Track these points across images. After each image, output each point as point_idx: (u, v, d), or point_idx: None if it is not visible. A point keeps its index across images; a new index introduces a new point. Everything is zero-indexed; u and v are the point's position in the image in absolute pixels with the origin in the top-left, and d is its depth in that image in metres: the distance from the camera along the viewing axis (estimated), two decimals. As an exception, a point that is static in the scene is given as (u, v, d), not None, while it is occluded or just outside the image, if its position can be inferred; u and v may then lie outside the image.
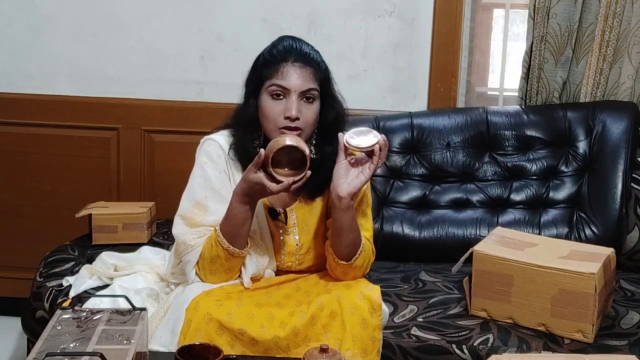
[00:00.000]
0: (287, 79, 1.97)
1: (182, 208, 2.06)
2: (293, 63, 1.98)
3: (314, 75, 1.99)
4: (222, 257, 1.97)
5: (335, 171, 1.96)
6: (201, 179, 2.05)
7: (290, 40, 2.04)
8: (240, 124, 2.06)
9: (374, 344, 1.95)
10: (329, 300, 1.94)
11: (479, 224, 2.66)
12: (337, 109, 2.07)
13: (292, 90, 1.96)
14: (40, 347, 1.48)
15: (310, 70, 1.99)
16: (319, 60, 2.04)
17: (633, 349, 2.07)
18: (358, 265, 2.03)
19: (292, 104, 1.96)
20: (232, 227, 1.95)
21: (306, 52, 2.01)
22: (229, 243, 1.94)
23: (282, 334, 1.88)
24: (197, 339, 1.81)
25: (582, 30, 2.78)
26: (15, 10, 3.04)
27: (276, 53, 2.01)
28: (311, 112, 2.00)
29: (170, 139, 3.07)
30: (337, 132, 1.99)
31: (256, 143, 2.02)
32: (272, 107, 1.98)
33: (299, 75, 1.97)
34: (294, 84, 1.97)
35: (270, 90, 1.98)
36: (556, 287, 2.07)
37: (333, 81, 2.07)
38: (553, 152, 2.74)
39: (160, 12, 3.01)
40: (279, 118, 1.97)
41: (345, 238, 1.99)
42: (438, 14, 2.92)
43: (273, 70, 1.98)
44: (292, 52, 1.99)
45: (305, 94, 1.98)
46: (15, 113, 3.08)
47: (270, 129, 2.00)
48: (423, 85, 2.99)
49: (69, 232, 2.80)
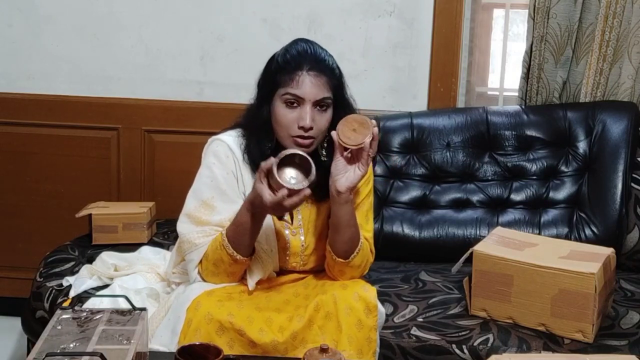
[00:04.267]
0: (301, 88, 1.96)
1: (187, 207, 2.05)
2: (308, 72, 1.96)
3: (328, 84, 1.98)
4: (225, 262, 1.97)
5: (334, 167, 1.97)
6: (208, 178, 2.04)
7: (305, 45, 2.02)
8: (253, 128, 2.05)
9: (369, 344, 1.95)
10: (325, 301, 1.94)
11: (479, 224, 2.66)
12: (349, 113, 2.05)
13: (306, 100, 1.96)
14: (40, 347, 1.48)
15: (324, 79, 1.98)
16: (334, 66, 2.02)
17: (633, 349, 2.07)
18: (356, 264, 2.03)
19: (306, 114, 1.95)
20: (237, 234, 1.94)
21: (321, 59, 2.00)
22: (233, 249, 1.94)
23: (280, 339, 1.88)
24: (197, 339, 1.81)
25: (582, 30, 2.78)
26: (15, 10, 3.04)
27: (290, 59, 1.99)
28: (324, 120, 2.00)
29: (170, 139, 3.07)
30: None
31: (268, 145, 2.02)
32: (286, 116, 1.98)
33: (313, 84, 1.96)
34: (309, 94, 1.96)
35: (285, 98, 1.97)
36: (556, 287, 2.07)
37: (346, 85, 2.06)
38: (553, 152, 2.74)
39: (160, 12, 3.01)
40: (292, 126, 1.97)
41: (343, 234, 1.99)
42: (438, 14, 2.92)
43: (288, 78, 1.97)
44: (306, 59, 1.98)
45: (320, 103, 1.98)
46: (15, 113, 3.08)
47: (283, 136, 2.00)
48: (423, 85, 2.99)
49: (69, 232, 2.80)
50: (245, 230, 1.93)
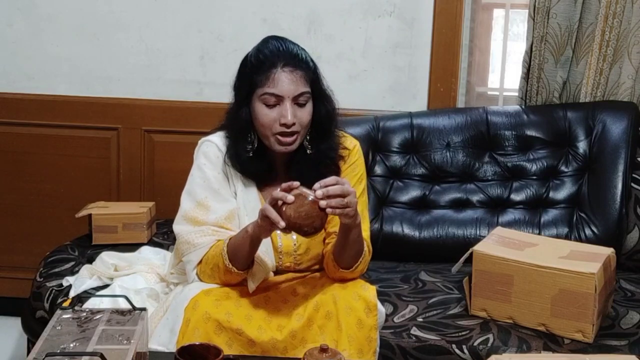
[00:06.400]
0: (278, 86, 1.95)
1: (183, 208, 2.06)
2: (283, 68, 1.96)
3: (304, 78, 1.98)
4: (221, 270, 1.97)
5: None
6: (200, 179, 2.05)
7: (276, 42, 2.02)
8: (233, 130, 2.06)
9: (370, 344, 1.95)
10: (325, 301, 1.94)
11: (479, 224, 2.66)
12: (328, 104, 2.06)
13: (285, 97, 1.96)
14: (40, 347, 1.48)
15: (300, 73, 1.98)
16: (308, 59, 2.02)
17: (633, 349, 2.07)
18: (359, 270, 2.03)
19: (287, 111, 1.95)
20: (235, 248, 1.94)
21: (294, 54, 2.00)
22: (229, 260, 1.94)
23: (279, 337, 1.88)
24: (196, 338, 1.81)
25: (582, 30, 2.78)
26: (15, 10, 3.04)
27: (263, 58, 1.98)
28: (306, 114, 2.00)
29: (170, 139, 3.07)
30: (331, 127, 2.02)
31: (249, 148, 2.03)
32: (268, 115, 1.98)
33: (290, 80, 1.96)
34: (287, 90, 1.96)
35: (263, 98, 1.97)
36: (556, 287, 2.07)
37: (321, 76, 2.06)
38: (553, 152, 2.74)
39: (160, 12, 3.01)
40: (274, 125, 1.97)
41: (350, 249, 1.98)
42: (438, 14, 2.92)
43: (263, 77, 1.96)
44: (280, 56, 1.97)
45: (298, 98, 1.98)
46: (15, 113, 3.08)
47: (265, 135, 2.00)
48: (423, 85, 2.99)
49: (69, 232, 2.81)
50: (242, 245, 1.93)
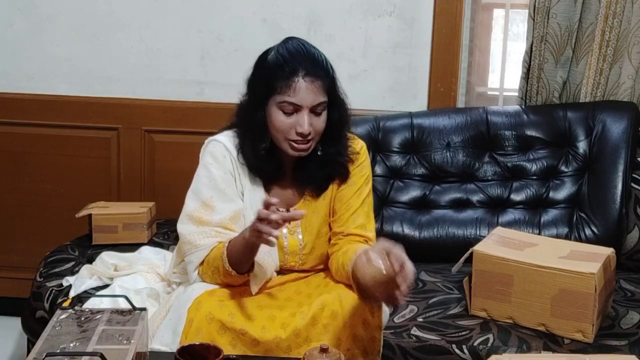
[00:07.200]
0: (298, 96, 1.94)
1: (188, 207, 2.05)
2: (304, 77, 1.94)
3: (323, 88, 1.98)
4: (221, 273, 1.97)
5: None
6: (206, 179, 2.04)
7: (297, 46, 2.00)
8: (247, 129, 2.05)
9: (374, 344, 1.96)
10: (330, 300, 1.94)
11: (479, 224, 2.66)
12: (342, 108, 2.06)
13: (304, 107, 1.95)
14: (40, 347, 1.48)
15: (319, 83, 1.97)
16: (328, 66, 2.01)
17: (633, 349, 2.07)
18: None
19: (304, 121, 1.95)
20: (234, 251, 1.94)
21: (316, 62, 1.98)
22: (229, 264, 1.94)
23: (283, 335, 1.88)
24: (199, 339, 1.81)
25: (582, 30, 2.78)
26: (15, 10, 3.04)
27: (284, 63, 1.96)
28: (321, 122, 2.00)
29: (170, 139, 3.07)
30: (342, 130, 2.04)
31: (263, 146, 2.03)
32: (284, 122, 1.97)
33: (310, 90, 1.95)
34: (306, 101, 1.95)
35: (281, 106, 1.96)
36: (556, 287, 2.07)
37: (338, 81, 2.05)
38: (553, 152, 2.74)
39: (160, 12, 3.01)
40: (290, 132, 1.97)
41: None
42: (438, 14, 2.92)
43: (284, 84, 1.95)
44: (301, 62, 1.95)
45: (316, 107, 1.97)
46: (15, 113, 3.08)
47: (279, 139, 2.00)
48: (423, 85, 2.99)
49: (69, 232, 2.80)
50: (242, 250, 1.92)
